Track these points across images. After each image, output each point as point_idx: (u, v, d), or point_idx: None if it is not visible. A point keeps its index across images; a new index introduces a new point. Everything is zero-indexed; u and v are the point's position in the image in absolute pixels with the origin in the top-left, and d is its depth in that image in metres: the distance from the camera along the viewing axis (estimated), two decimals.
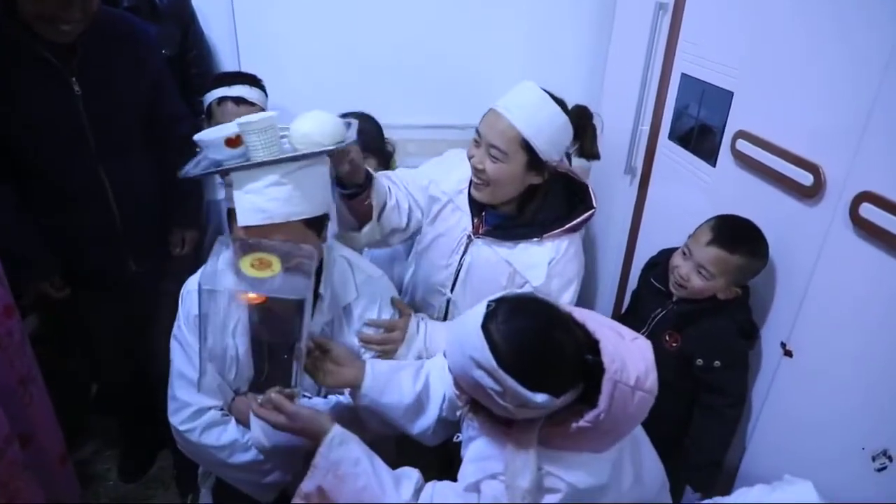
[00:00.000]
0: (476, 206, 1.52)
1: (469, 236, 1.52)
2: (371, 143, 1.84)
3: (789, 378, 1.36)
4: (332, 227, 1.33)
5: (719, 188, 1.59)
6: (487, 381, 0.96)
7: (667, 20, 1.83)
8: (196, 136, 1.24)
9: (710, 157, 1.62)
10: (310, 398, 1.33)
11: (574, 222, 1.47)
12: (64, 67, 1.47)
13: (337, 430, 1.09)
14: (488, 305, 1.00)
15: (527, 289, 1.44)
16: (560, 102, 1.40)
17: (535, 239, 1.47)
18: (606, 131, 2.31)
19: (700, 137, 1.68)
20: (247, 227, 1.14)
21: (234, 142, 1.19)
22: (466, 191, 1.52)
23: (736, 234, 1.39)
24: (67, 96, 1.49)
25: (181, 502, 2.03)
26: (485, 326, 0.97)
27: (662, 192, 1.95)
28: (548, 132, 1.37)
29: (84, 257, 1.69)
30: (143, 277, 1.77)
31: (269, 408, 1.12)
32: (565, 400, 0.99)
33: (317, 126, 1.17)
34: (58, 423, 1.61)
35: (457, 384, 1.10)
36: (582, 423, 0.97)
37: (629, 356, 0.99)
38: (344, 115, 1.33)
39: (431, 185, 1.60)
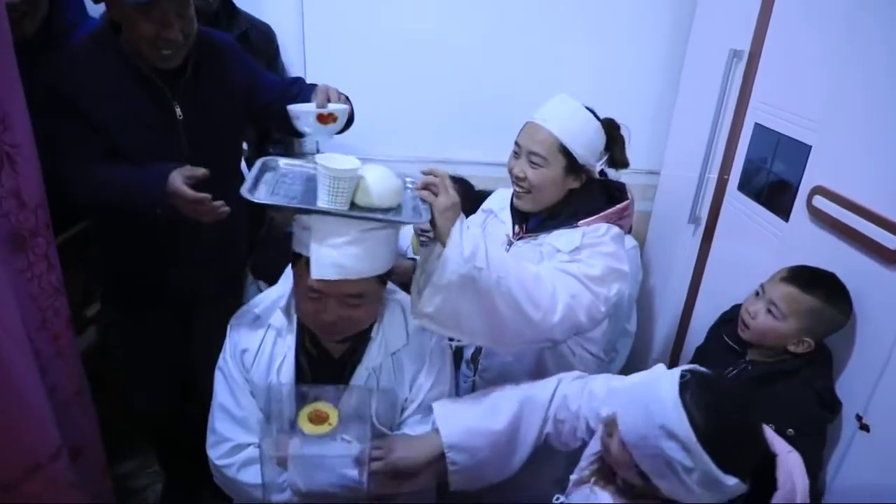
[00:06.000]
0: (519, 215, 1.56)
1: (510, 241, 1.55)
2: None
3: (865, 454, 1.26)
4: None
5: (792, 245, 1.51)
6: (677, 455, 0.88)
7: (741, 68, 1.78)
8: (289, 106, 1.26)
9: (784, 211, 1.55)
10: (349, 442, 1.31)
11: (609, 210, 1.46)
12: (168, 90, 1.49)
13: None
14: (682, 376, 0.94)
15: (555, 255, 1.39)
16: (591, 111, 1.47)
17: (571, 226, 1.46)
18: (669, 178, 2.28)
19: (773, 191, 1.61)
20: (321, 280, 1.13)
21: (325, 118, 1.22)
22: (508, 205, 1.59)
23: (814, 277, 1.33)
24: (170, 120, 1.50)
25: None
26: (681, 396, 0.91)
27: (728, 245, 1.87)
28: (583, 137, 1.43)
29: (162, 279, 1.68)
30: (212, 306, 1.75)
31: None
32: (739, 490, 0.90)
33: (376, 184, 1.15)
34: (100, 436, 1.63)
35: (608, 450, 1.02)
36: None
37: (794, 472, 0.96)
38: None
39: (481, 213, 1.68)
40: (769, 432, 1.01)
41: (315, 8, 2.26)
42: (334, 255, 1.12)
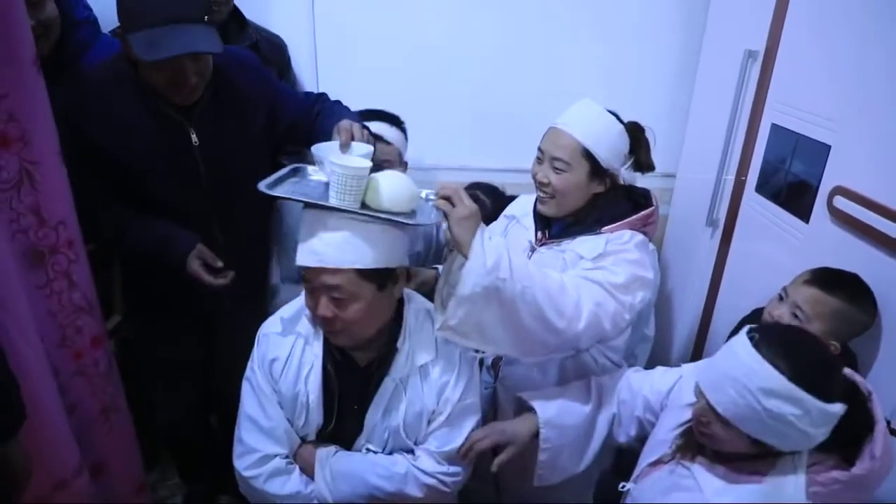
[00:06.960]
0: (542, 221, 1.56)
1: (532, 247, 1.55)
2: (489, 218, 1.76)
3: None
4: None
5: (813, 246, 1.49)
6: (786, 409, 0.92)
7: (756, 68, 1.76)
8: (313, 148, 1.26)
9: (804, 213, 1.52)
10: (376, 453, 1.31)
11: (633, 217, 1.45)
12: (184, 120, 1.50)
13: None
14: (750, 337, 0.99)
15: (578, 262, 1.41)
16: (614, 115, 1.48)
17: (595, 232, 1.45)
18: (686, 181, 2.25)
19: (792, 192, 1.59)
20: (304, 267, 1.17)
21: None
22: (531, 211, 1.58)
23: (837, 278, 1.31)
24: (186, 146, 1.51)
25: None
26: (761, 354, 0.96)
27: (747, 247, 1.84)
28: (606, 141, 1.44)
29: (184, 290, 1.66)
30: (233, 318, 1.76)
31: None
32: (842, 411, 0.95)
33: (388, 189, 1.15)
34: (138, 453, 1.63)
35: (713, 437, 1.04)
36: (856, 470, 0.94)
37: None
38: (468, 187, 1.33)
39: (503, 219, 1.69)
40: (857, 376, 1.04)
41: (327, 18, 2.26)
42: (314, 242, 1.14)
